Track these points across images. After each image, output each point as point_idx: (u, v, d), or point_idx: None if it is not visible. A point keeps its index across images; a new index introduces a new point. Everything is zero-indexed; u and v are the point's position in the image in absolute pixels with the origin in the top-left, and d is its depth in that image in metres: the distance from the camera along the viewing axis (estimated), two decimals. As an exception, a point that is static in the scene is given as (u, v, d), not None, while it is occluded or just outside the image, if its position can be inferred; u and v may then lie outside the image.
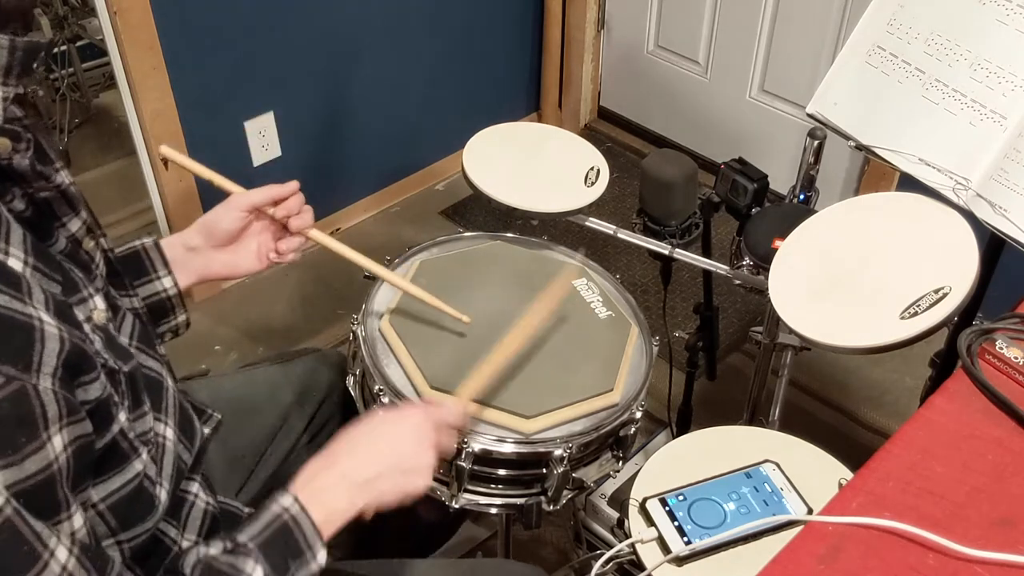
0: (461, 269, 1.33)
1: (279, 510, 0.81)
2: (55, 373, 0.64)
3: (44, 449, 0.62)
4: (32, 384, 0.62)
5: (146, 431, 0.78)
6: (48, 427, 0.62)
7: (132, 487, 0.75)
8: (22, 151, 0.70)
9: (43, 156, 0.75)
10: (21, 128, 0.69)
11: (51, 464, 0.63)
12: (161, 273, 1.03)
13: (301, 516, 0.81)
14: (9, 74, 0.67)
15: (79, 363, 0.67)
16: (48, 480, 0.63)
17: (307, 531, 0.80)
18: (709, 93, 2.65)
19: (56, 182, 0.76)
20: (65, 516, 0.65)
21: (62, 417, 0.64)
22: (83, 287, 0.75)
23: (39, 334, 0.63)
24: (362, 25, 2.31)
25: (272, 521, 0.80)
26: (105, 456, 0.72)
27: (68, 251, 0.78)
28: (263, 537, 0.79)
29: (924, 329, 1.02)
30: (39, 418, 0.62)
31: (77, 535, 0.66)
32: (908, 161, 1.14)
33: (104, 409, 0.71)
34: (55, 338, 0.64)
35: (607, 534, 1.52)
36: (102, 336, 0.74)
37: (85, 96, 2.89)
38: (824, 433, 1.96)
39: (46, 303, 0.66)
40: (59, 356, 0.64)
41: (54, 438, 0.63)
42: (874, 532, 0.82)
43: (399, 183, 2.64)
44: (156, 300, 1.03)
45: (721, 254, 1.57)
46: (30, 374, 0.62)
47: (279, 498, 0.82)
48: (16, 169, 0.70)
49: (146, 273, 1.03)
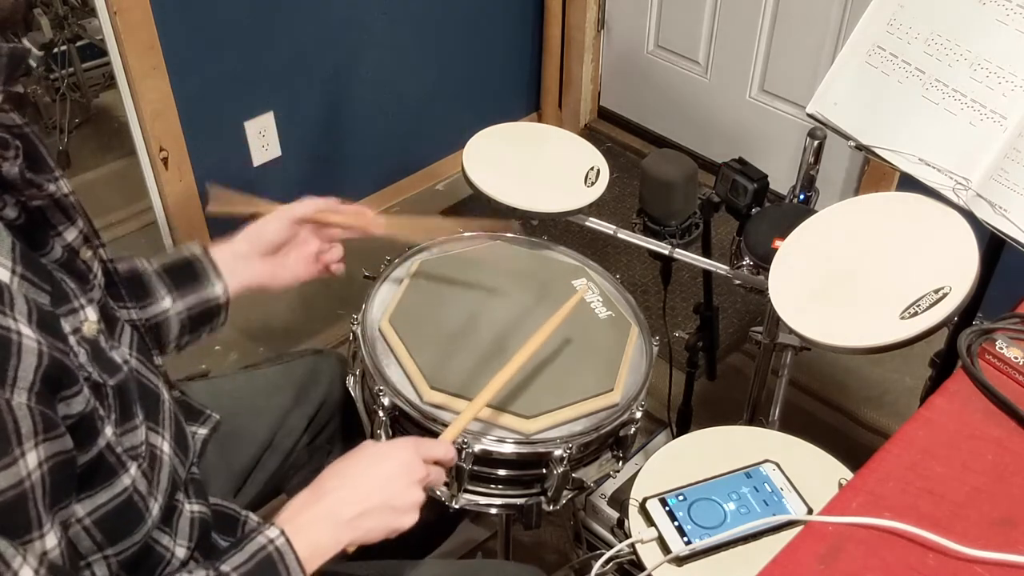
0: (461, 269, 1.33)
1: (264, 541, 0.80)
2: (31, 387, 0.62)
3: (15, 465, 0.61)
4: (5, 399, 0.61)
5: (136, 445, 0.77)
6: (21, 443, 0.61)
7: (120, 501, 0.74)
8: (10, 159, 0.69)
9: (37, 163, 0.74)
10: (9, 136, 0.69)
11: (23, 481, 0.61)
12: (213, 280, 1.05)
13: (286, 549, 0.80)
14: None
15: (60, 377, 0.66)
16: (19, 497, 0.61)
17: (291, 565, 0.80)
18: (709, 93, 2.65)
19: (49, 191, 0.75)
20: (37, 535, 0.63)
21: (37, 433, 0.62)
22: (74, 298, 0.74)
23: (16, 348, 0.62)
24: (362, 25, 2.31)
25: (257, 552, 0.79)
26: (90, 471, 0.71)
27: (63, 260, 0.77)
28: (246, 568, 0.78)
29: (924, 329, 1.02)
30: (11, 434, 0.61)
31: (49, 555, 0.64)
32: (908, 161, 1.14)
33: (88, 423, 0.70)
34: (33, 352, 0.63)
35: (607, 534, 1.51)
36: (88, 349, 0.73)
37: (85, 96, 2.88)
38: (824, 433, 1.95)
39: (28, 314, 0.65)
40: (37, 371, 0.63)
41: (28, 454, 0.62)
42: (874, 532, 0.82)
43: (399, 183, 2.64)
44: (209, 307, 1.05)
45: (721, 254, 1.57)
46: (3, 389, 0.61)
47: (265, 530, 0.81)
48: (5, 177, 0.69)
49: (198, 279, 1.04)
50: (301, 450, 1.24)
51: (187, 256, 1.05)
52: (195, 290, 1.04)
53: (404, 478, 0.88)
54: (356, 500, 0.85)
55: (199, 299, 1.04)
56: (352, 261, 1.24)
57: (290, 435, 1.22)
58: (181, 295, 1.02)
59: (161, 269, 1.03)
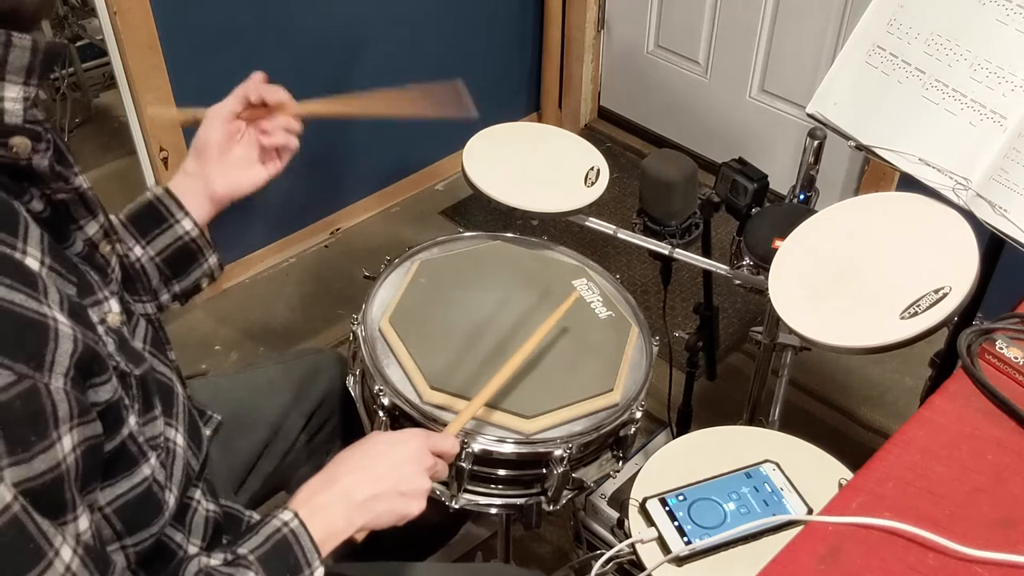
0: (461, 269, 1.33)
1: (279, 524, 0.81)
2: (67, 373, 0.64)
3: (53, 448, 0.62)
4: (44, 383, 0.62)
5: (156, 436, 0.78)
6: (58, 427, 0.62)
7: (140, 491, 0.75)
8: (42, 151, 0.70)
9: (62, 158, 0.75)
10: (42, 129, 0.70)
11: (60, 464, 0.63)
12: (179, 216, 1.03)
13: (301, 531, 0.82)
14: (31, 75, 0.68)
15: (91, 364, 0.67)
16: (56, 480, 0.63)
17: (306, 546, 0.81)
18: (709, 93, 2.65)
19: (74, 184, 0.76)
20: (71, 517, 0.65)
21: (72, 417, 0.64)
22: (98, 289, 0.75)
23: (53, 333, 0.63)
24: (362, 25, 2.30)
25: (272, 535, 0.81)
26: (113, 459, 0.72)
27: (84, 254, 0.78)
28: (263, 550, 0.80)
29: (924, 329, 1.02)
30: (50, 417, 0.62)
31: (83, 536, 0.66)
32: (908, 161, 1.14)
33: (114, 412, 0.70)
34: (69, 338, 0.64)
35: (607, 534, 1.51)
36: (115, 339, 0.74)
37: (85, 96, 2.89)
38: (824, 433, 1.96)
39: (61, 303, 0.66)
40: (72, 356, 0.64)
41: (64, 438, 0.63)
42: (874, 532, 0.82)
43: (399, 183, 2.64)
44: (180, 245, 1.03)
45: (721, 254, 1.57)
46: (43, 373, 0.62)
47: (279, 513, 0.83)
48: (35, 170, 0.70)
49: (164, 220, 1.02)
50: (301, 449, 1.24)
51: (148, 199, 1.03)
52: (162, 232, 1.02)
53: (414, 464, 0.90)
54: (368, 483, 0.87)
55: (168, 240, 1.02)
56: (352, 261, 1.24)
57: (290, 434, 1.22)
58: (148, 241, 1.01)
59: (125, 219, 1.02)
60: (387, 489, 0.87)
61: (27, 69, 0.67)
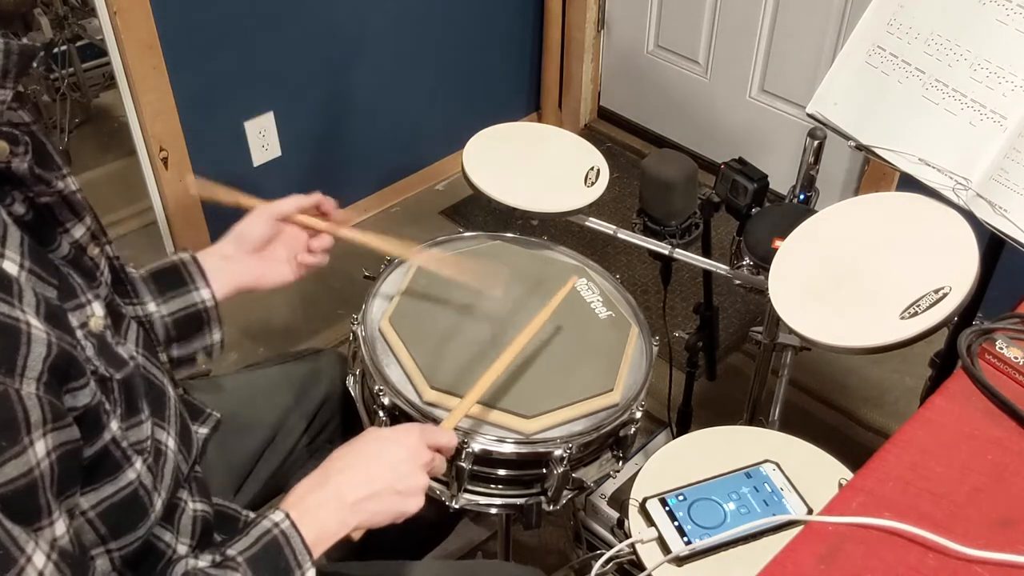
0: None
1: (269, 525, 0.80)
2: (40, 377, 0.63)
3: (25, 454, 0.61)
4: (15, 388, 0.61)
5: (142, 440, 0.78)
6: (30, 432, 0.62)
7: (124, 495, 0.75)
8: (20, 155, 0.69)
9: (45, 161, 0.74)
10: (19, 132, 0.69)
11: (32, 469, 0.62)
12: (199, 284, 1.04)
13: (291, 532, 0.80)
14: (6, 77, 0.67)
15: (67, 368, 0.66)
16: (29, 485, 0.62)
17: (297, 548, 0.80)
18: (709, 93, 2.65)
19: (57, 188, 0.75)
20: (47, 522, 0.64)
21: (46, 422, 0.63)
22: (81, 293, 0.75)
23: (25, 337, 0.62)
24: (362, 25, 2.30)
25: (262, 536, 0.79)
26: (96, 464, 0.72)
27: (71, 257, 0.77)
28: (252, 552, 0.78)
29: (924, 329, 1.02)
30: (21, 422, 0.61)
31: (59, 541, 0.65)
32: (908, 161, 1.14)
33: (94, 416, 0.70)
34: (42, 342, 0.64)
35: (607, 534, 1.52)
36: (95, 343, 0.73)
37: (85, 96, 2.88)
38: (824, 433, 1.96)
39: (36, 307, 0.65)
40: (45, 360, 0.63)
41: (36, 443, 0.62)
42: (874, 532, 0.82)
43: (399, 183, 2.64)
44: (193, 311, 1.03)
45: (721, 254, 1.57)
46: (13, 378, 0.61)
47: (270, 514, 0.81)
48: (15, 173, 0.70)
49: (183, 284, 1.03)
50: (301, 449, 1.24)
51: (173, 261, 1.05)
52: (179, 295, 1.03)
53: (410, 462, 0.89)
54: (362, 483, 0.85)
55: (183, 304, 1.03)
56: (352, 261, 1.24)
57: (290, 434, 1.22)
58: (164, 300, 1.02)
59: (147, 274, 1.02)
60: (382, 489, 0.86)
61: (2, 71, 0.67)
